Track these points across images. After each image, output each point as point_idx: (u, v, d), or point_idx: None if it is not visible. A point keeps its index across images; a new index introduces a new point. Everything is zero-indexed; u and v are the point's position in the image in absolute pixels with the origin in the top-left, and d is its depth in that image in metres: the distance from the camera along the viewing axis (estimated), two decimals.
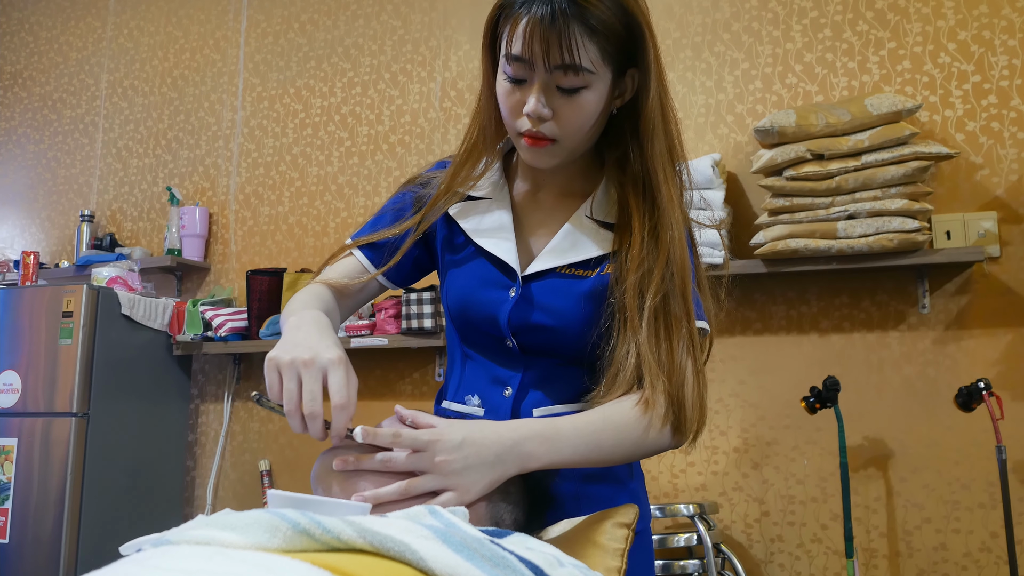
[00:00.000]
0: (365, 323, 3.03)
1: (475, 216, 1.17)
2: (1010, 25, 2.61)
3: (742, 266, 2.61)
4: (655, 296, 1.03)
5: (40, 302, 3.13)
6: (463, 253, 1.18)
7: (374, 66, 3.48)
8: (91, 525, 2.99)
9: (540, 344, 1.11)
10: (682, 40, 2.98)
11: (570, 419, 1.00)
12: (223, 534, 0.68)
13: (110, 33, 4.04)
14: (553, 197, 1.17)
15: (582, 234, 1.12)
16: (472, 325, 1.15)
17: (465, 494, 0.90)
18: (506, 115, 1.07)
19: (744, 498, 2.70)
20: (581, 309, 1.08)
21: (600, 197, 1.13)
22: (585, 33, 0.98)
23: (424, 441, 0.90)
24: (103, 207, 3.89)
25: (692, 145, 2.90)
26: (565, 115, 1.03)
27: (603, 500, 1.10)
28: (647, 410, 1.00)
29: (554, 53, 0.98)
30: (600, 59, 1.00)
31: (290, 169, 3.56)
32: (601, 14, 0.98)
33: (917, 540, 2.51)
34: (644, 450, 1.03)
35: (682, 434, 1.03)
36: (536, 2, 0.97)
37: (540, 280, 1.11)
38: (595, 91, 1.02)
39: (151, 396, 3.35)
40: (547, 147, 1.05)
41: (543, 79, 1.01)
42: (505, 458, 0.93)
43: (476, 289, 1.14)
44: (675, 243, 1.05)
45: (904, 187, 2.40)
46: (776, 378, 2.72)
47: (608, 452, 1.00)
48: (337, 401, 0.91)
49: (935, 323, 2.58)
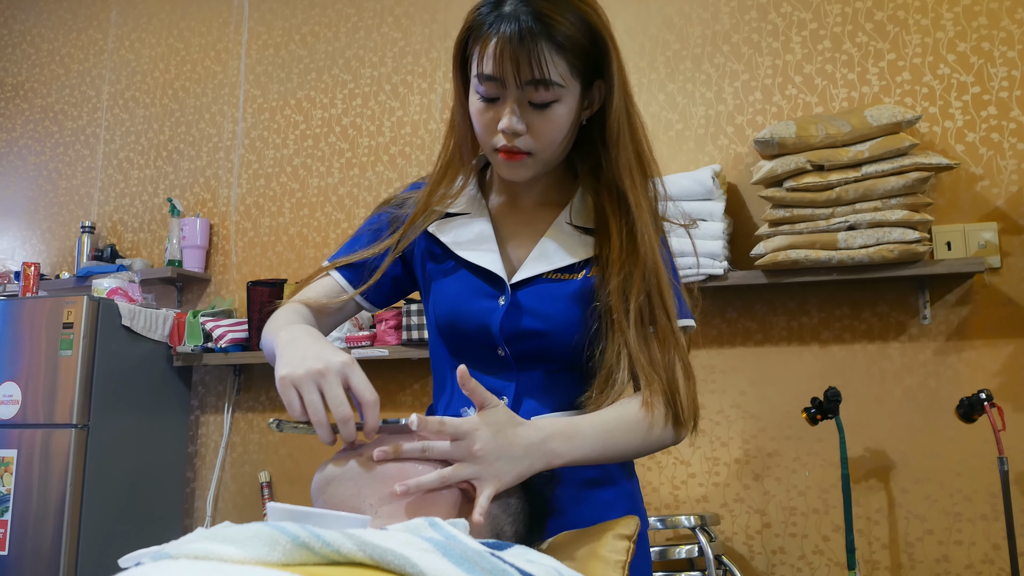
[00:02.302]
0: (365, 334, 3.03)
1: (455, 230, 1.19)
2: (1009, 37, 2.62)
3: (742, 277, 2.61)
4: (638, 297, 1.07)
5: (40, 313, 3.13)
6: (446, 267, 1.19)
7: (375, 78, 3.49)
8: (90, 537, 2.98)
9: (533, 350, 1.12)
10: (682, 52, 2.99)
11: (587, 418, 1.03)
12: (222, 547, 0.68)
13: (111, 45, 4.06)
14: (530, 208, 1.20)
15: (564, 240, 1.15)
16: (462, 337, 1.16)
17: (498, 482, 0.93)
18: (481, 133, 1.10)
19: (745, 510, 2.70)
20: (570, 312, 1.11)
21: (577, 204, 1.17)
22: (553, 49, 1.02)
23: (465, 429, 0.92)
24: (104, 218, 3.90)
25: (692, 156, 2.91)
26: (539, 129, 1.07)
27: (603, 503, 1.12)
28: (649, 410, 1.04)
29: (524, 70, 1.02)
30: (569, 73, 1.04)
31: (291, 180, 3.56)
32: (566, 30, 1.02)
33: (919, 552, 2.50)
34: (651, 446, 1.07)
35: (682, 427, 1.08)
36: (504, 22, 1.01)
37: (527, 287, 1.14)
38: (566, 104, 1.07)
39: (151, 407, 3.34)
40: (523, 160, 1.09)
41: (515, 95, 1.05)
42: (532, 454, 0.96)
43: (465, 300, 1.15)
44: (647, 246, 1.09)
45: (904, 198, 2.41)
46: (777, 389, 2.71)
47: (621, 449, 1.04)
48: (368, 398, 0.92)
49: (936, 334, 2.58)
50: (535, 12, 1.01)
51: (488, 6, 1.05)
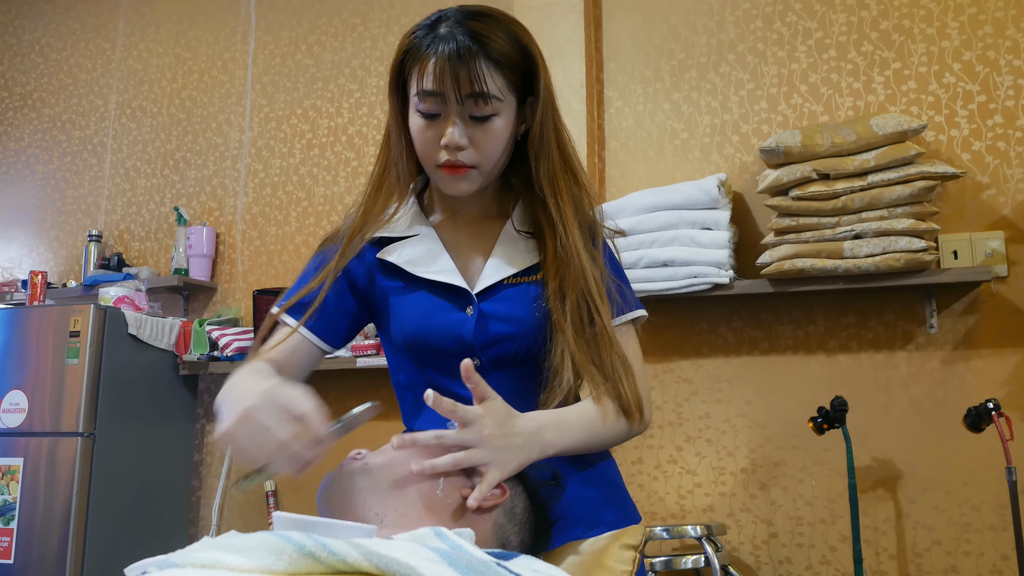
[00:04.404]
0: (371, 343, 3.03)
1: (404, 251, 1.21)
2: (1015, 45, 2.62)
3: (748, 286, 2.60)
4: (571, 299, 1.12)
5: (47, 322, 3.13)
6: (402, 288, 1.20)
7: (381, 87, 3.49)
8: (96, 545, 2.98)
9: (506, 355, 1.15)
10: (687, 61, 3.00)
11: (571, 409, 1.10)
12: (228, 557, 0.68)
13: (119, 55, 4.08)
14: (473, 222, 1.24)
15: (515, 246, 1.20)
16: (432, 352, 1.16)
17: (504, 469, 0.98)
18: (423, 150, 1.14)
19: (752, 519, 2.68)
20: (534, 313, 1.15)
21: (519, 212, 1.22)
22: (490, 64, 1.08)
23: (474, 416, 0.97)
24: (111, 227, 3.91)
25: (698, 165, 2.90)
26: (480, 142, 1.11)
27: (598, 501, 1.16)
28: (600, 404, 1.11)
29: (464, 84, 1.07)
30: (506, 87, 1.11)
31: (297, 189, 3.57)
32: (500, 47, 1.09)
33: (927, 562, 2.49)
34: (614, 438, 1.14)
35: (632, 419, 1.13)
36: (441, 43, 1.07)
37: (491, 294, 1.16)
38: (504, 117, 1.12)
39: (157, 416, 3.34)
40: (466, 174, 1.13)
41: (456, 110, 1.09)
42: (530, 443, 1.02)
43: (431, 316, 1.16)
44: (572, 251, 1.14)
45: (910, 207, 2.40)
46: (783, 398, 2.71)
47: (598, 440, 1.12)
48: (302, 410, 0.89)
49: (943, 343, 2.57)
50: (470, 32, 1.07)
51: (423, 29, 1.11)
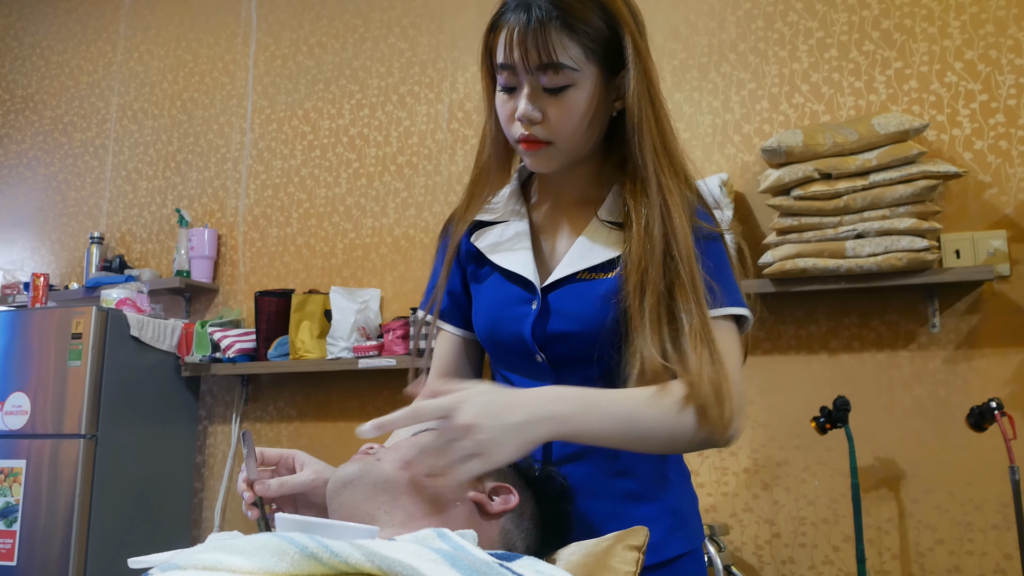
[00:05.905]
0: (373, 344, 3.03)
1: (493, 235, 1.18)
2: (1017, 44, 2.61)
3: (750, 286, 2.59)
4: (654, 293, 1.01)
5: (49, 324, 3.14)
6: (484, 275, 1.19)
7: (382, 88, 3.50)
8: (99, 547, 2.98)
9: (568, 354, 1.09)
10: (688, 61, 2.99)
11: (610, 390, 0.99)
12: (231, 558, 0.68)
13: (120, 57, 4.08)
14: (572, 207, 1.17)
15: (598, 237, 1.11)
16: (502, 346, 1.15)
17: (489, 458, 0.87)
18: (504, 124, 1.09)
19: (755, 519, 2.68)
20: (602, 312, 1.05)
21: (610, 199, 1.13)
22: (563, 32, 1.01)
23: (445, 406, 0.87)
24: (112, 229, 3.91)
25: (700, 165, 2.90)
26: (554, 116, 1.05)
27: (642, 519, 1.02)
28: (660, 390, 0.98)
29: (531, 54, 1.01)
30: (583, 56, 1.03)
31: (298, 191, 3.57)
32: (580, 14, 1.02)
33: (930, 562, 2.48)
34: (671, 433, 0.99)
35: (707, 416, 0.98)
36: (517, 10, 1.02)
37: (560, 288, 1.11)
38: (582, 89, 1.04)
39: (159, 417, 3.34)
40: (543, 150, 1.07)
41: (529, 81, 1.04)
42: (536, 419, 0.91)
43: (500, 310, 1.14)
44: (674, 235, 1.04)
45: (912, 206, 2.40)
46: (786, 398, 2.70)
47: (645, 432, 0.97)
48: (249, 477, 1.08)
49: (945, 342, 2.56)
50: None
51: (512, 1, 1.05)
